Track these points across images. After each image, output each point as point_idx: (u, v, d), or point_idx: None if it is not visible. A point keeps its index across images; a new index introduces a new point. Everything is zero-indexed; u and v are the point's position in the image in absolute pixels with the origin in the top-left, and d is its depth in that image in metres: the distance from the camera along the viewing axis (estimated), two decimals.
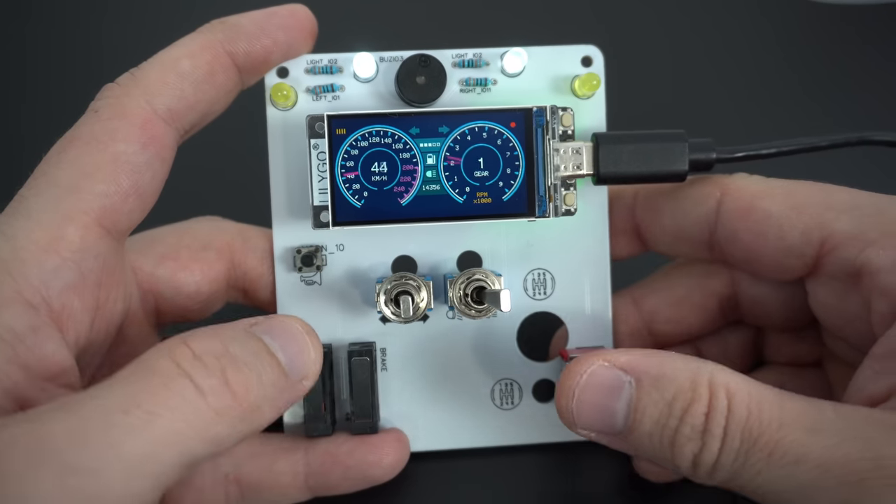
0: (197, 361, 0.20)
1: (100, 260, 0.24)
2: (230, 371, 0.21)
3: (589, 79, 0.28)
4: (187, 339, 0.21)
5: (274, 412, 0.22)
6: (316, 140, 0.26)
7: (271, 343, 0.22)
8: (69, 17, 0.39)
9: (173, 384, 0.20)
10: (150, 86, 0.25)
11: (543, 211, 0.27)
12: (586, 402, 0.23)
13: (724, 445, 0.22)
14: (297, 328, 0.23)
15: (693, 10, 0.40)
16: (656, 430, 0.22)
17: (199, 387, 0.20)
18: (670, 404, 0.22)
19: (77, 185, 0.23)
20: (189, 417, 0.19)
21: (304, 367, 0.23)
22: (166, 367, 0.20)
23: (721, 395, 0.22)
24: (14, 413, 0.21)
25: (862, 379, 0.24)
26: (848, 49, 0.39)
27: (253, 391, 0.21)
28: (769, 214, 0.26)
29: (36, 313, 0.22)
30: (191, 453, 0.20)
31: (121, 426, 0.19)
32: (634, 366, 0.23)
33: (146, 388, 0.19)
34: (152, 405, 0.19)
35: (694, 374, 0.22)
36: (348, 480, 0.28)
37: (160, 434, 0.19)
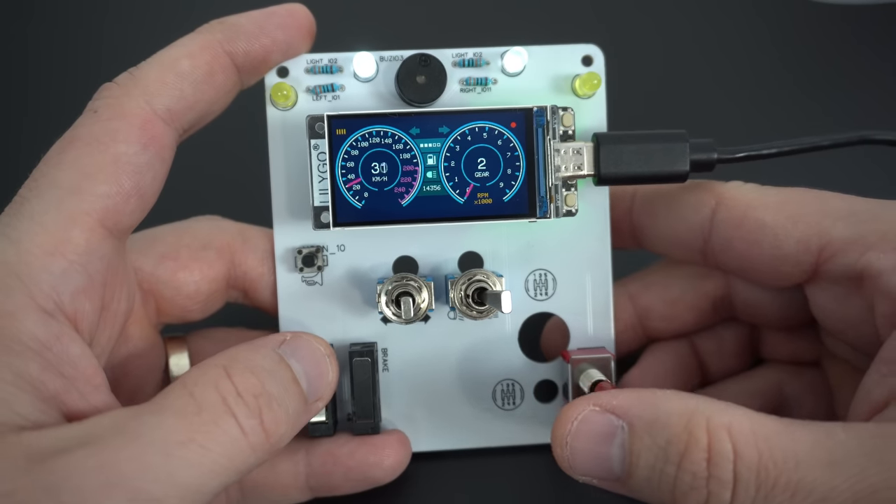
0: (240, 399, 0.22)
1: (104, 261, 0.24)
2: (265, 412, 0.22)
3: (589, 78, 0.28)
4: (230, 372, 0.22)
5: (291, 438, 0.23)
6: (316, 140, 0.26)
7: (296, 368, 0.24)
8: (69, 16, 0.38)
9: (222, 422, 0.21)
10: (150, 86, 0.25)
11: (544, 212, 0.27)
12: (580, 450, 0.23)
13: (737, 492, 0.20)
14: (322, 352, 0.25)
15: (693, 10, 0.40)
16: (654, 476, 0.21)
17: (242, 427, 0.21)
18: (665, 450, 0.21)
19: (79, 186, 0.23)
20: (233, 453, 0.21)
21: (321, 389, 0.25)
22: (214, 401, 0.21)
23: (723, 438, 0.21)
24: (61, 423, 0.21)
25: (870, 383, 0.24)
26: (847, 49, 0.39)
27: (281, 427, 0.22)
28: (763, 224, 0.26)
29: (54, 320, 0.22)
30: (228, 482, 0.21)
31: (179, 458, 0.20)
32: (626, 410, 0.22)
33: (198, 423, 0.21)
34: (205, 440, 0.21)
35: (689, 416, 0.21)
36: (349, 481, 0.28)
37: (210, 467, 0.21)
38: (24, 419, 0.20)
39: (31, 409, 0.21)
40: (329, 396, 0.25)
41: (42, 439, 0.20)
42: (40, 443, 0.20)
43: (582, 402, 0.23)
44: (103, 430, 0.20)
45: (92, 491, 0.19)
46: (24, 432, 0.20)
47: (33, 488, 0.19)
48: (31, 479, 0.19)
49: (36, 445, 0.20)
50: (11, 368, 0.21)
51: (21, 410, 0.20)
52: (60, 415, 0.21)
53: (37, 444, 0.20)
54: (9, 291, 0.21)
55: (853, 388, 0.27)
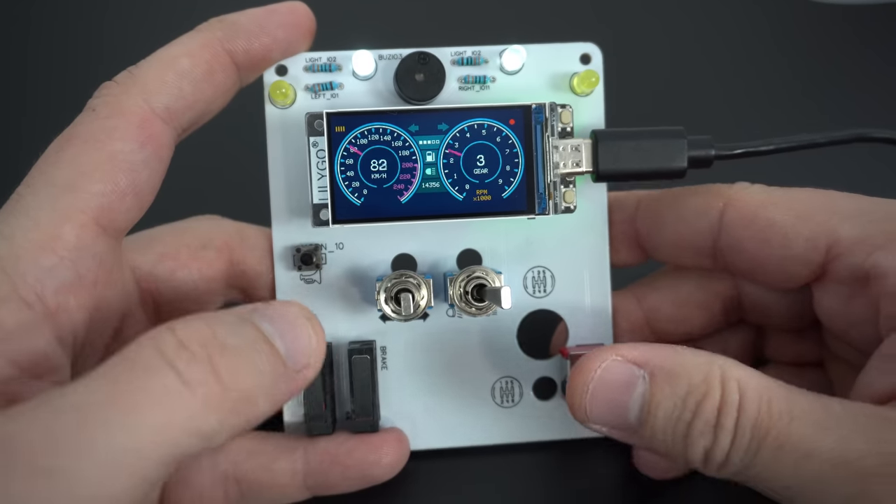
0: (182, 349, 0.19)
1: (97, 259, 0.24)
2: (218, 358, 0.19)
3: (588, 76, 0.28)
4: (173, 325, 0.20)
5: (270, 404, 0.21)
6: (315, 138, 0.26)
7: (269, 329, 0.21)
8: (68, 14, 0.38)
9: (155, 375, 0.18)
10: (149, 84, 0.25)
11: (543, 208, 0.27)
12: (600, 397, 0.23)
13: (735, 440, 0.22)
14: (297, 313, 0.22)
15: (692, 8, 0.40)
16: (669, 424, 0.22)
17: (184, 376, 0.18)
18: (684, 399, 0.22)
19: (74, 184, 0.23)
20: (172, 410, 0.18)
21: (305, 355, 0.21)
22: (148, 356, 0.19)
23: (733, 390, 0.22)
24: None
25: (869, 377, 0.24)
26: (847, 49, 0.39)
27: (245, 379, 0.19)
28: (773, 223, 0.26)
29: (30, 310, 0.22)
30: (177, 449, 0.18)
31: (96, 423, 0.18)
32: (648, 360, 0.23)
33: (126, 381, 0.18)
34: (132, 398, 0.18)
35: (707, 368, 0.22)
36: (348, 480, 0.28)
37: (140, 430, 0.18)
38: None
39: None
40: (317, 363, 0.22)
41: None
42: None
43: (604, 351, 0.23)
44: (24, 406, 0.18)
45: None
46: None
47: None
48: None
49: None
50: None
51: None
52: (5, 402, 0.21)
53: None
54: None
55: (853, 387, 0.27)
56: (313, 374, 0.22)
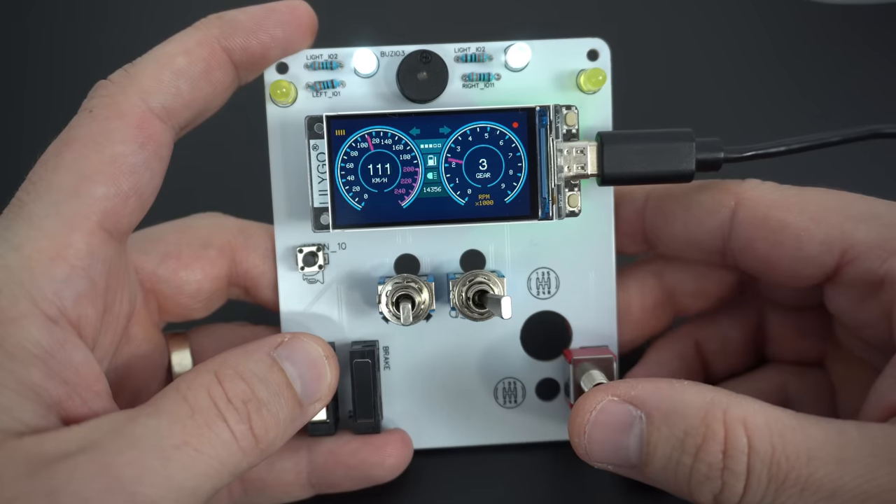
0: (230, 405, 0.22)
1: (106, 264, 0.23)
2: (254, 418, 0.22)
3: (595, 73, 0.28)
4: (221, 377, 0.22)
5: (284, 440, 0.24)
6: (315, 141, 0.26)
7: (290, 371, 0.24)
8: (65, 12, 0.38)
9: (214, 426, 0.21)
10: (146, 83, 0.24)
11: (547, 213, 0.26)
12: (598, 440, 0.23)
13: (750, 484, 0.21)
14: (319, 354, 0.25)
15: (699, 7, 0.39)
16: (670, 465, 0.22)
17: (233, 431, 0.22)
18: (682, 441, 0.22)
19: (77, 189, 0.23)
20: (225, 456, 0.21)
21: (318, 391, 0.25)
22: (205, 406, 0.22)
23: (739, 431, 0.21)
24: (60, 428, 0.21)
25: (883, 387, 0.24)
26: (849, 49, 0.38)
27: (271, 433, 0.23)
28: (786, 225, 0.26)
29: (57, 326, 0.22)
30: (220, 485, 0.22)
31: (175, 462, 0.20)
32: (644, 400, 0.22)
33: (192, 426, 0.21)
34: (199, 444, 0.21)
35: (706, 408, 0.22)
36: (351, 479, 0.28)
37: (203, 469, 0.21)
38: (25, 426, 0.21)
39: (33, 415, 0.21)
40: (328, 398, 0.25)
41: (42, 445, 0.20)
42: (40, 448, 0.20)
43: (600, 391, 0.23)
44: (101, 434, 0.21)
45: (91, 495, 0.19)
46: (25, 438, 0.20)
47: (34, 494, 0.19)
48: (31, 484, 0.19)
49: (36, 451, 0.20)
50: (14, 375, 0.21)
51: (23, 417, 0.21)
52: (61, 421, 0.22)
53: (37, 449, 0.20)
54: (12, 298, 0.21)
55: (857, 388, 0.27)
56: (322, 407, 0.25)
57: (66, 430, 0.21)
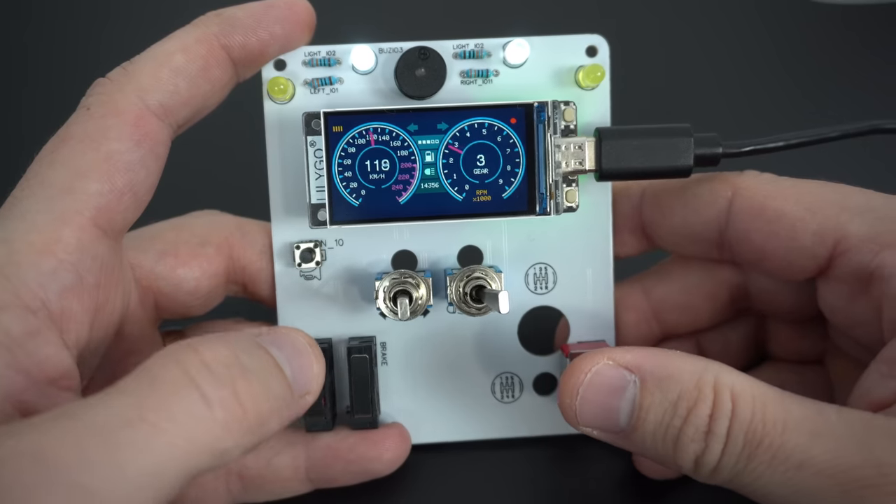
0: (206, 370, 0.19)
1: (97, 260, 0.23)
2: (240, 382, 0.20)
3: (593, 70, 0.28)
4: (196, 345, 0.20)
5: (279, 426, 0.21)
6: (312, 137, 0.26)
7: (278, 355, 0.22)
8: (63, 9, 0.38)
9: (180, 394, 0.19)
10: (143, 81, 0.24)
11: (544, 208, 0.26)
12: (590, 401, 0.23)
13: (727, 447, 0.22)
14: (303, 342, 0.23)
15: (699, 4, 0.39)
16: (660, 429, 0.22)
17: (208, 398, 0.19)
18: (675, 405, 0.22)
19: (71, 185, 0.23)
20: (195, 432, 0.18)
21: (308, 382, 0.22)
22: (173, 375, 0.19)
23: (726, 397, 0.22)
24: (14, 419, 0.20)
25: (868, 382, 0.24)
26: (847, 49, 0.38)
27: (262, 403, 0.20)
28: (782, 215, 0.26)
29: (34, 317, 0.22)
30: (196, 467, 0.19)
31: (126, 440, 0.18)
32: (639, 364, 0.23)
33: (151, 399, 0.18)
34: (157, 418, 0.18)
35: (699, 374, 0.22)
36: (349, 474, 0.28)
37: (165, 450, 0.18)
38: None
39: None
40: (317, 390, 0.23)
41: None
42: None
43: (595, 355, 0.23)
44: (48, 423, 0.18)
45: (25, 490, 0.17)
46: None
47: None
48: None
49: None
50: None
51: None
52: (18, 411, 0.21)
53: None
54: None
55: (854, 386, 0.27)
56: (313, 400, 0.23)
57: (15, 423, 0.19)
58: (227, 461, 0.20)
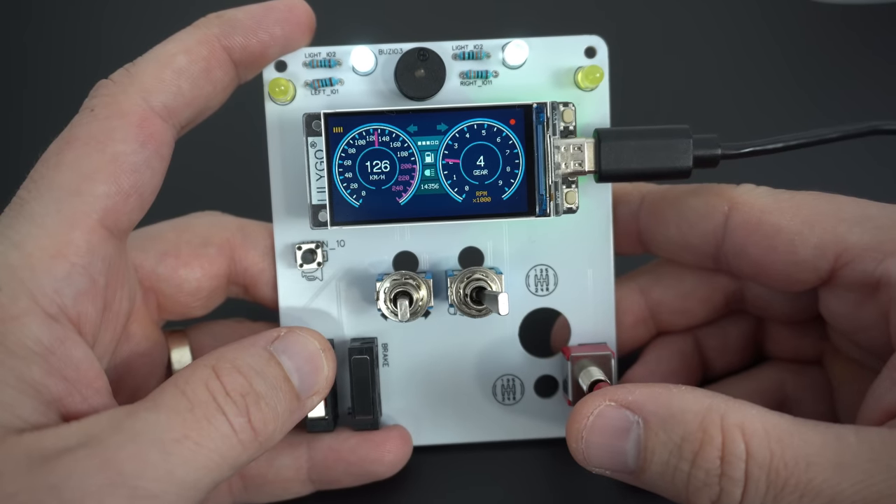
0: (228, 398, 0.22)
1: (106, 262, 0.24)
2: (253, 411, 0.22)
3: (592, 71, 0.28)
4: (218, 372, 0.23)
5: (283, 434, 0.24)
6: (313, 138, 0.26)
7: (287, 365, 0.24)
8: (65, 10, 0.38)
9: (213, 419, 0.22)
10: (147, 83, 0.24)
11: (544, 210, 0.26)
12: (595, 444, 0.23)
13: (748, 491, 0.21)
14: (315, 348, 0.25)
15: (698, 4, 0.39)
16: (667, 471, 0.22)
17: (232, 424, 0.22)
18: (680, 446, 0.22)
19: (78, 187, 0.23)
20: (224, 450, 0.22)
21: (316, 385, 0.25)
22: (204, 399, 0.22)
23: (736, 438, 0.21)
24: (59, 424, 0.21)
25: (881, 389, 0.24)
26: (847, 49, 0.38)
27: (269, 426, 0.23)
28: (779, 229, 0.26)
29: (57, 323, 0.22)
30: (220, 479, 0.22)
31: (175, 455, 0.21)
32: (641, 405, 0.22)
33: (192, 420, 0.21)
34: (198, 438, 0.21)
35: (704, 413, 0.21)
36: (350, 475, 0.28)
37: (203, 463, 0.21)
38: (25, 422, 0.21)
39: (33, 412, 0.21)
40: (326, 391, 0.25)
41: (43, 440, 0.20)
42: (41, 444, 0.20)
43: (597, 396, 0.23)
44: (101, 429, 0.21)
45: (93, 490, 0.19)
46: (25, 434, 0.20)
47: (36, 489, 0.19)
48: (33, 479, 0.19)
49: (37, 446, 0.20)
50: (15, 372, 0.21)
51: (23, 414, 0.21)
52: (60, 418, 0.22)
53: (37, 445, 0.20)
54: (13, 295, 0.22)
55: (854, 387, 0.27)
56: (320, 400, 0.25)
57: (65, 426, 0.21)
58: (239, 470, 0.23)
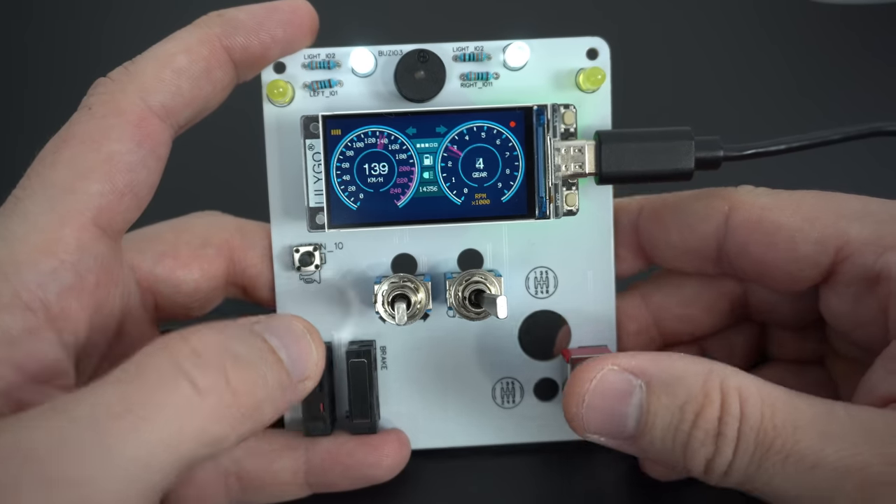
0: (196, 358, 0.19)
1: (97, 260, 0.24)
2: (232, 369, 0.20)
3: (594, 72, 0.27)
4: (186, 335, 0.20)
5: (275, 413, 0.21)
6: (311, 140, 0.26)
7: (275, 342, 0.22)
8: (65, 7, 0.38)
9: (169, 383, 0.19)
10: (145, 82, 0.24)
11: (544, 212, 0.26)
12: (596, 408, 0.23)
13: (738, 450, 0.21)
14: (300, 328, 0.23)
15: (698, 6, 0.39)
16: (668, 433, 0.22)
17: (198, 386, 0.19)
18: (682, 408, 0.22)
19: (72, 185, 0.23)
20: (186, 419, 0.19)
21: (307, 367, 0.23)
22: (162, 364, 0.19)
23: (734, 399, 0.22)
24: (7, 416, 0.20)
25: (874, 378, 0.24)
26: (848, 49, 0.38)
27: (254, 389, 0.20)
28: (780, 226, 0.26)
29: (33, 316, 0.22)
30: (189, 456, 0.19)
31: (112, 432, 0.18)
32: (645, 369, 0.23)
33: (140, 389, 0.18)
34: (146, 407, 0.18)
35: (705, 377, 0.22)
36: (348, 479, 0.28)
37: (155, 438, 0.18)
38: None
39: None
40: (317, 376, 0.23)
41: None
42: None
43: (599, 361, 0.23)
44: (33, 413, 0.19)
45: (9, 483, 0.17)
46: None
47: None
48: None
49: None
50: None
51: None
52: (12, 408, 0.21)
53: None
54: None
55: (855, 386, 0.26)
56: (313, 386, 0.23)
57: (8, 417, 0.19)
58: (223, 449, 0.20)
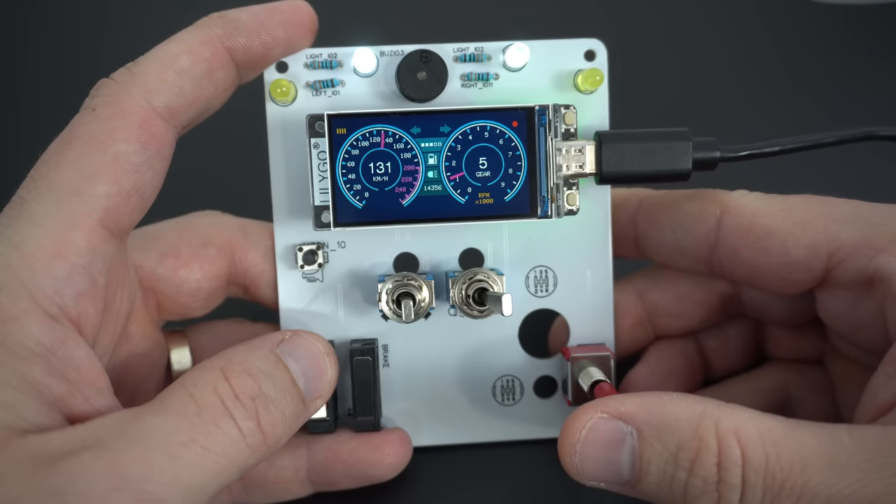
0: (237, 401, 0.22)
1: (106, 262, 0.23)
2: (262, 414, 0.22)
3: (592, 74, 0.28)
4: (227, 374, 0.22)
5: (289, 436, 0.24)
6: (316, 139, 0.26)
7: (294, 368, 0.24)
8: (67, 7, 0.38)
9: (222, 423, 0.21)
10: (149, 83, 0.24)
11: (545, 211, 0.26)
12: (590, 457, 0.23)
13: (745, 496, 0.21)
14: (321, 351, 0.25)
15: (697, 7, 0.40)
16: (665, 481, 0.22)
17: (241, 428, 0.22)
18: (675, 455, 0.21)
19: (79, 187, 0.23)
20: (232, 454, 0.22)
21: (320, 387, 0.25)
22: (212, 403, 0.22)
23: (731, 443, 0.21)
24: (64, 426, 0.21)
25: (876, 385, 0.24)
26: (848, 49, 0.39)
27: (278, 429, 0.23)
28: (771, 231, 0.26)
29: (58, 324, 0.22)
30: (227, 482, 0.22)
31: (182, 459, 0.20)
32: (634, 416, 0.22)
33: (199, 424, 0.21)
34: (206, 442, 0.21)
35: (698, 421, 0.21)
36: (349, 478, 0.28)
37: (211, 467, 0.21)
38: (29, 423, 0.21)
39: (36, 413, 0.21)
40: (329, 394, 0.25)
41: (47, 443, 0.20)
42: (45, 446, 0.20)
43: (589, 409, 0.23)
44: (107, 432, 0.21)
45: (98, 493, 0.19)
46: (29, 436, 0.20)
47: (40, 492, 0.19)
48: (37, 482, 0.19)
49: (41, 449, 0.20)
50: (16, 373, 0.21)
51: (26, 415, 0.21)
52: (64, 418, 0.22)
53: (42, 447, 0.20)
54: (13, 296, 0.21)
55: (856, 386, 0.27)
56: (323, 404, 0.25)
57: (70, 429, 0.21)
58: (246, 473, 0.23)
